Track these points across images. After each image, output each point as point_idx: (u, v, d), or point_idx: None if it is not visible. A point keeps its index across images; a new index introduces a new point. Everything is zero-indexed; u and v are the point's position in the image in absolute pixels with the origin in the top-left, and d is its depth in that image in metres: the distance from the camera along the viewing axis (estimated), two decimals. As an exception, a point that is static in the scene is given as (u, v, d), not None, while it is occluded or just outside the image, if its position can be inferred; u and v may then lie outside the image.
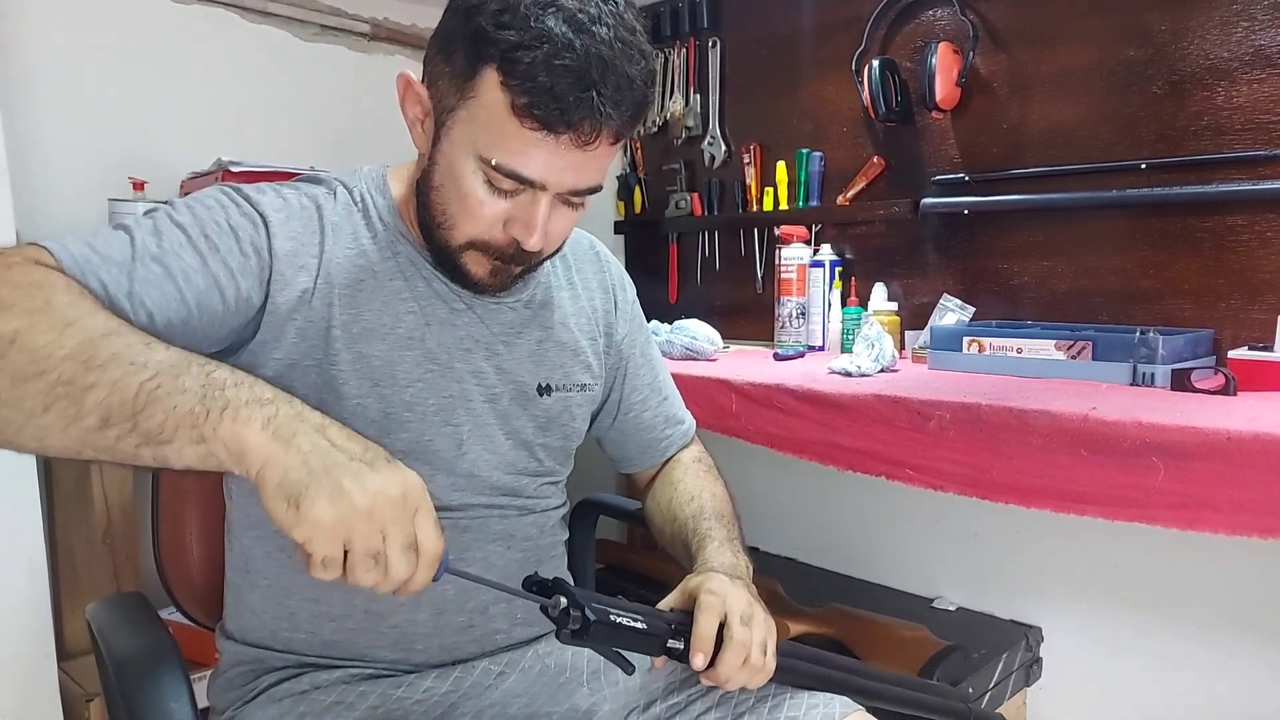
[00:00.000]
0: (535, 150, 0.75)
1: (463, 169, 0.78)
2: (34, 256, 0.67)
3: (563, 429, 0.98)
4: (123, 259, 0.71)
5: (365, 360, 0.84)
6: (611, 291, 1.06)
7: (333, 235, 0.84)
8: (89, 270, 0.68)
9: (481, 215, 0.79)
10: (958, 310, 1.73)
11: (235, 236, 0.78)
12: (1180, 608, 1.54)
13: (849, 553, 2.00)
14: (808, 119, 2.06)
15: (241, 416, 0.59)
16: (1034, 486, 1.17)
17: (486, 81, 0.74)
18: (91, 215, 1.70)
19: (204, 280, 0.75)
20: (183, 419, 0.59)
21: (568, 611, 0.70)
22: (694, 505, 1.00)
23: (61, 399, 0.58)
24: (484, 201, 0.79)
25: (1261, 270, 1.45)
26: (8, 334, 0.59)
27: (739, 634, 0.76)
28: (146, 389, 0.59)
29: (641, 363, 1.08)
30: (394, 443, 0.85)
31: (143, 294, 0.70)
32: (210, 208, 0.80)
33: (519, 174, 0.76)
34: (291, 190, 0.86)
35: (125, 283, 0.70)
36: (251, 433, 0.59)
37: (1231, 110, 1.46)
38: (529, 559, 0.95)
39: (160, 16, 1.83)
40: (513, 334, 0.93)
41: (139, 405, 0.59)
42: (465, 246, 0.83)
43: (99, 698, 1.43)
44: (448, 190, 0.80)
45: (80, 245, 0.70)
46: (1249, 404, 1.18)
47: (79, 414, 0.58)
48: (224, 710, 0.90)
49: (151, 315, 0.71)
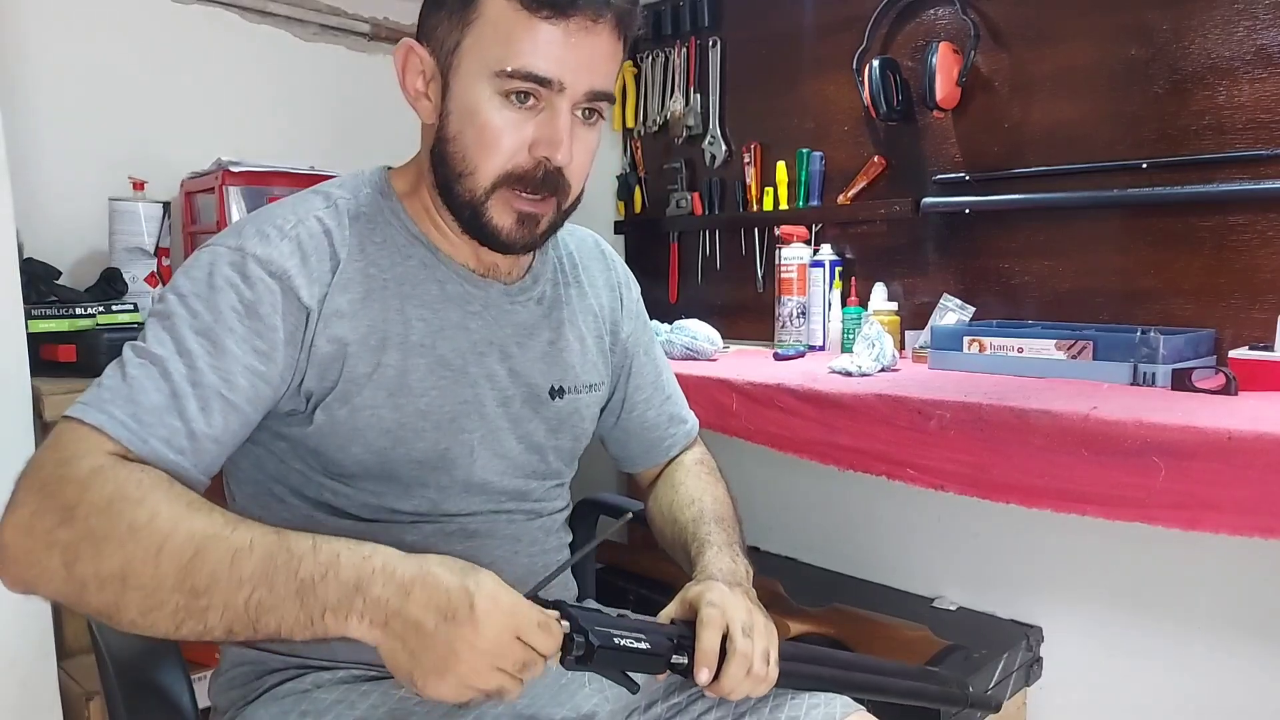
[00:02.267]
0: (545, 44, 0.77)
1: (478, 98, 0.79)
2: (94, 449, 0.68)
3: (572, 430, 0.98)
4: (166, 402, 0.72)
5: (381, 370, 0.83)
6: (617, 289, 1.06)
7: (344, 253, 0.83)
8: (146, 434, 0.70)
9: (503, 144, 0.80)
10: (958, 310, 1.73)
11: (255, 314, 0.77)
12: (1181, 608, 1.53)
13: (849, 553, 1.99)
14: (808, 118, 2.06)
15: (340, 615, 0.65)
16: (1035, 486, 1.17)
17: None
18: (91, 215, 1.70)
19: (246, 379, 0.76)
20: (293, 627, 0.65)
21: (571, 637, 0.70)
22: (694, 509, 1.00)
23: (187, 619, 0.65)
24: (503, 128, 0.80)
25: (1262, 270, 1.45)
26: (117, 573, 0.64)
27: (741, 646, 0.77)
28: (252, 604, 0.65)
29: (645, 361, 1.08)
30: (409, 452, 0.85)
31: (199, 428, 0.73)
32: (220, 289, 0.77)
33: (535, 73, 0.77)
34: (296, 221, 0.82)
35: (181, 426, 0.72)
36: (353, 628, 0.65)
37: (1233, 109, 1.46)
38: (535, 563, 0.95)
39: (160, 16, 1.82)
40: (525, 335, 0.93)
41: (253, 617, 0.65)
42: (492, 189, 0.82)
43: (99, 697, 1.43)
44: (466, 134, 0.81)
45: (122, 406, 0.71)
46: (1250, 404, 1.18)
47: (206, 629, 0.65)
48: (226, 710, 0.90)
49: (217, 439, 0.74)
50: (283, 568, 0.65)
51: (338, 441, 0.83)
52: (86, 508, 0.65)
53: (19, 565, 0.66)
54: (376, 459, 0.84)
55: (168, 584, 0.64)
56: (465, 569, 0.68)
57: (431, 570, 0.67)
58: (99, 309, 1.51)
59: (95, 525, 0.64)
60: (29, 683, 1.37)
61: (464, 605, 0.65)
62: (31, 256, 1.60)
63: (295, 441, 0.84)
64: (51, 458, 0.68)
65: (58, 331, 1.47)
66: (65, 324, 1.47)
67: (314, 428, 0.82)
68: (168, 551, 0.64)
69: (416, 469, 0.86)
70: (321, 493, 0.86)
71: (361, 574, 0.66)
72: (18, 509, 0.66)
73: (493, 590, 0.66)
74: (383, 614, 0.65)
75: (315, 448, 0.84)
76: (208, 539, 0.65)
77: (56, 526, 0.65)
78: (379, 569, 0.66)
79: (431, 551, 0.86)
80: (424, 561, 0.67)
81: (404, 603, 0.65)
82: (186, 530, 0.65)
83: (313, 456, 0.84)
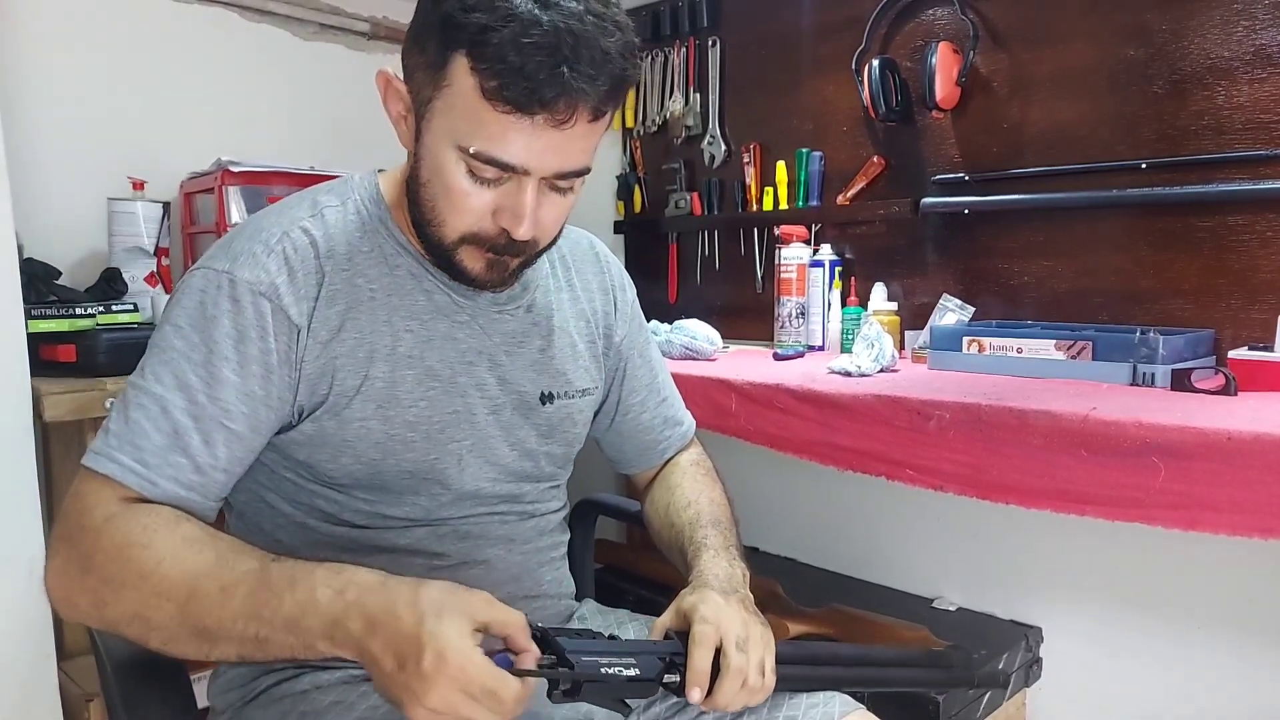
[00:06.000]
0: (512, 134, 0.73)
1: (444, 161, 0.77)
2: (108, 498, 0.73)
3: (565, 435, 0.98)
4: (168, 441, 0.75)
5: (369, 383, 0.83)
6: (611, 293, 1.05)
7: (329, 265, 0.82)
8: (155, 476, 0.74)
9: (469, 207, 0.78)
10: (958, 310, 1.73)
11: (248, 338, 0.78)
12: (1181, 608, 1.53)
13: (849, 553, 1.99)
14: (808, 118, 2.06)
15: (329, 643, 0.68)
16: (1034, 487, 1.17)
17: (458, 68, 0.73)
18: (91, 215, 1.70)
19: (246, 405, 0.78)
20: (296, 651, 0.69)
21: (556, 670, 0.70)
22: (690, 511, 1.00)
23: (208, 649, 0.70)
24: (469, 193, 0.77)
25: (1262, 270, 1.44)
26: (137, 614, 0.70)
27: (736, 661, 0.77)
28: (250, 635, 0.69)
29: (640, 364, 1.08)
30: (399, 463, 0.85)
31: (204, 461, 0.76)
32: (212, 319, 0.77)
33: (498, 160, 0.75)
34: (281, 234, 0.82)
35: (186, 462, 0.75)
36: (346, 651, 0.68)
37: (1232, 110, 1.46)
38: (530, 561, 0.95)
39: (159, 16, 1.82)
40: (514, 344, 0.92)
41: (259, 645, 0.69)
42: (458, 242, 0.81)
43: (99, 698, 1.43)
44: (434, 185, 0.79)
45: (128, 451, 0.74)
46: (1249, 404, 1.18)
47: (225, 657, 0.71)
48: (225, 711, 0.90)
49: (224, 469, 0.78)
50: (265, 605, 0.68)
51: (328, 453, 0.83)
52: (101, 556, 0.71)
53: (63, 607, 0.73)
54: (367, 470, 0.84)
55: (175, 623, 0.69)
56: (434, 607, 0.66)
57: (396, 609, 0.67)
58: (99, 309, 1.51)
59: (112, 573, 0.70)
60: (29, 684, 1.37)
61: (414, 657, 0.65)
62: (31, 256, 1.60)
63: (285, 452, 0.84)
64: (74, 508, 0.73)
65: (58, 331, 1.47)
66: (65, 324, 1.47)
67: (304, 439, 0.83)
68: (168, 594, 0.69)
69: (407, 479, 0.86)
70: (314, 500, 0.86)
71: (335, 611, 0.68)
72: (53, 558, 0.73)
73: (443, 647, 0.64)
74: (356, 648, 0.67)
75: (306, 459, 0.84)
76: (199, 578, 0.69)
77: (80, 574, 0.71)
78: (352, 604, 0.68)
79: (423, 553, 0.87)
80: (392, 594, 0.68)
81: (370, 640, 0.67)
82: (181, 572, 0.70)
83: (304, 467, 0.85)
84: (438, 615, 0.66)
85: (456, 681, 0.64)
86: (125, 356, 1.42)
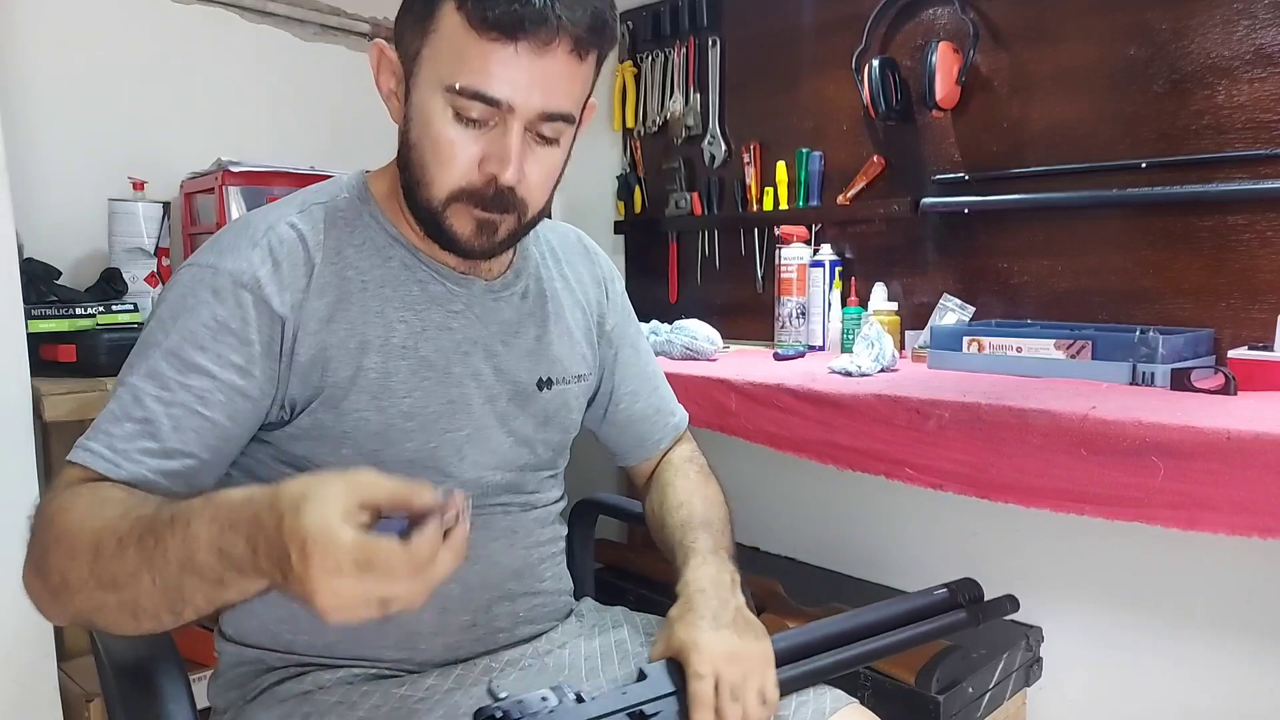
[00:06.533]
0: (495, 65, 0.76)
1: (432, 110, 0.79)
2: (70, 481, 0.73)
3: (561, 422, 0.99)
4: (137, 428, 0.75)
5: (363, 374, 0.83)
6: (603, 284, 1.07)
7: (319, 257, 0.83)
8: (120, 460, 0.73)
9: (455, 158, 0.80)
10: (958, 310, 1.73)
11: (227, 329, 0.78)
12: (1180, 608, 1.54)
13: (849, 553, 1.99)
14: (808, 118, 2.06)
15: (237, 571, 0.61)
16: (1034, 486, 1.17)
17: (444, 11, 0.77)
18: (91, 215, 1.70)
19: (222, 394, 0.77)
20: (216, 596, 0.63)
21: None
22: (682, 512, 1.00)
23: (134, 612, 0.65)
24: (455, 141, 0.79)
25: (1262, 270, 1.44)
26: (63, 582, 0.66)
27: (732, 715, 0.78)
28: (159, 587, 0.63)
29: (631, 354, 1.09)
30: (400, 453, 0.85)
31: (173, 446, 0.75)
32: (191, 309, 0.78)
33: (483, 93, 0.77)
34: (267, 228, 0.83)
35: (154, 445, 0.74)
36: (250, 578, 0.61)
37: (1232, 109, 1.46)
38: (531, 556, 0.95)
39: (160, 16, 1.82)
40: (510, 332, 0.93)
41: (173, 597, 0.63)
42: (448, 201, 0.82)
43: (99, 698, 1.43)
44: (423, 143, 0.81)
45: (100, 439, 0.75)
46: (1249, 404, 1.18)
47: (156, 616, 0.65)
48: (225, 710, 0.90)
49: (195, 455, 0.76)
50: (155, 550, 0.62)
51: (328, 445, 0.83)
52: (42, 531, 0.69)
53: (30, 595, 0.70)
54: (368, 461, 0.84)
55: (91, 583, 0.65)
56: (290, 501, 0.58)
57: (260, 518, 0.60)
58: (99, 309, 1.51)
59: (43, 540, 0.69)
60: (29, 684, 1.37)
61: (286, 559, 0.57)
62: (31, 256, 1.60)
63: (282, 448, 0.85)
64: (43, 497, 0.73)
65: (58, 331, 1.47)
66: (65, 324, 1.47)
67: (302, 434, 0.83)
68: (79, 552, 0.66)
69: (408, 469, 0.86)
70: None
71: (216, 539, 0.61)
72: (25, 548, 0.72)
73: (304, 537, 0.56)
74: (254, 569, 0.60)
75: (305, 454, 0.84)
76: (102, 532, 0.66)
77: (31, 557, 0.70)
78: (225, 527, 0.61)
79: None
80: (255, 504, 0.61)
81: (258, 559, 0.60)
82: (90, 529, 0.67)
83: (304, 461, 0.85)
84: (294, 508, 0.57)
85: (328, 568, 0.55)
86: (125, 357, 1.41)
